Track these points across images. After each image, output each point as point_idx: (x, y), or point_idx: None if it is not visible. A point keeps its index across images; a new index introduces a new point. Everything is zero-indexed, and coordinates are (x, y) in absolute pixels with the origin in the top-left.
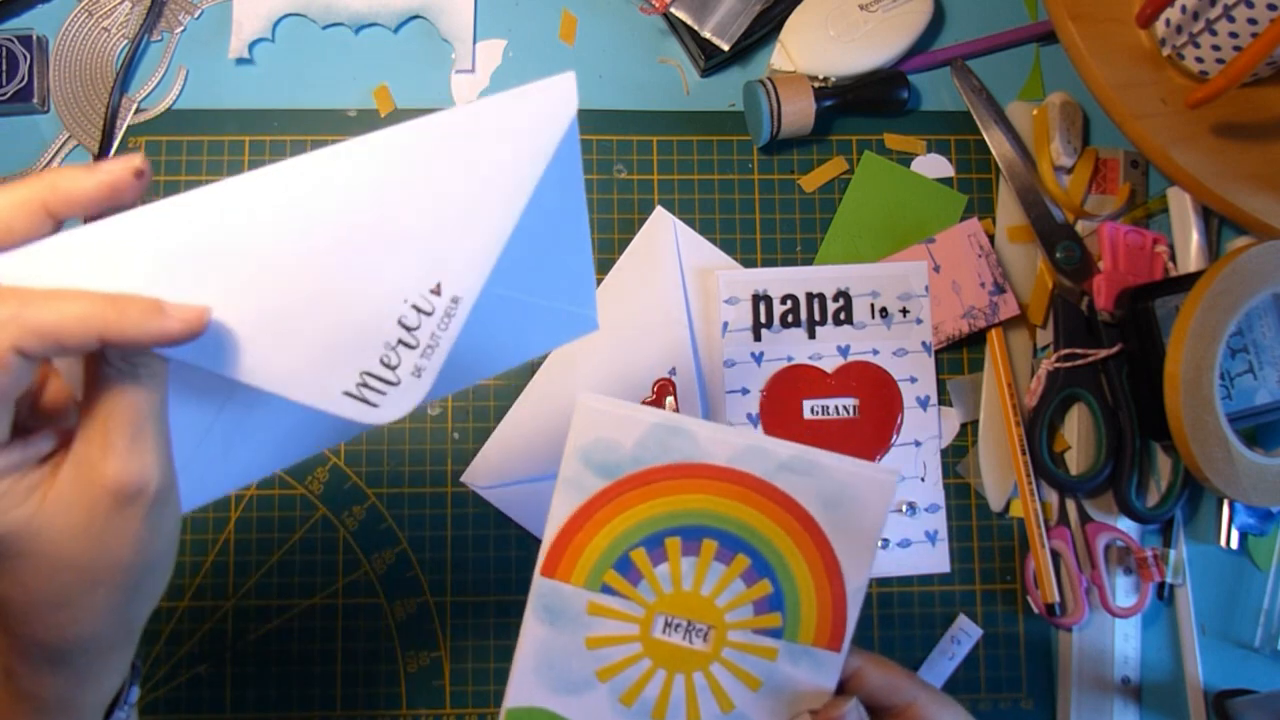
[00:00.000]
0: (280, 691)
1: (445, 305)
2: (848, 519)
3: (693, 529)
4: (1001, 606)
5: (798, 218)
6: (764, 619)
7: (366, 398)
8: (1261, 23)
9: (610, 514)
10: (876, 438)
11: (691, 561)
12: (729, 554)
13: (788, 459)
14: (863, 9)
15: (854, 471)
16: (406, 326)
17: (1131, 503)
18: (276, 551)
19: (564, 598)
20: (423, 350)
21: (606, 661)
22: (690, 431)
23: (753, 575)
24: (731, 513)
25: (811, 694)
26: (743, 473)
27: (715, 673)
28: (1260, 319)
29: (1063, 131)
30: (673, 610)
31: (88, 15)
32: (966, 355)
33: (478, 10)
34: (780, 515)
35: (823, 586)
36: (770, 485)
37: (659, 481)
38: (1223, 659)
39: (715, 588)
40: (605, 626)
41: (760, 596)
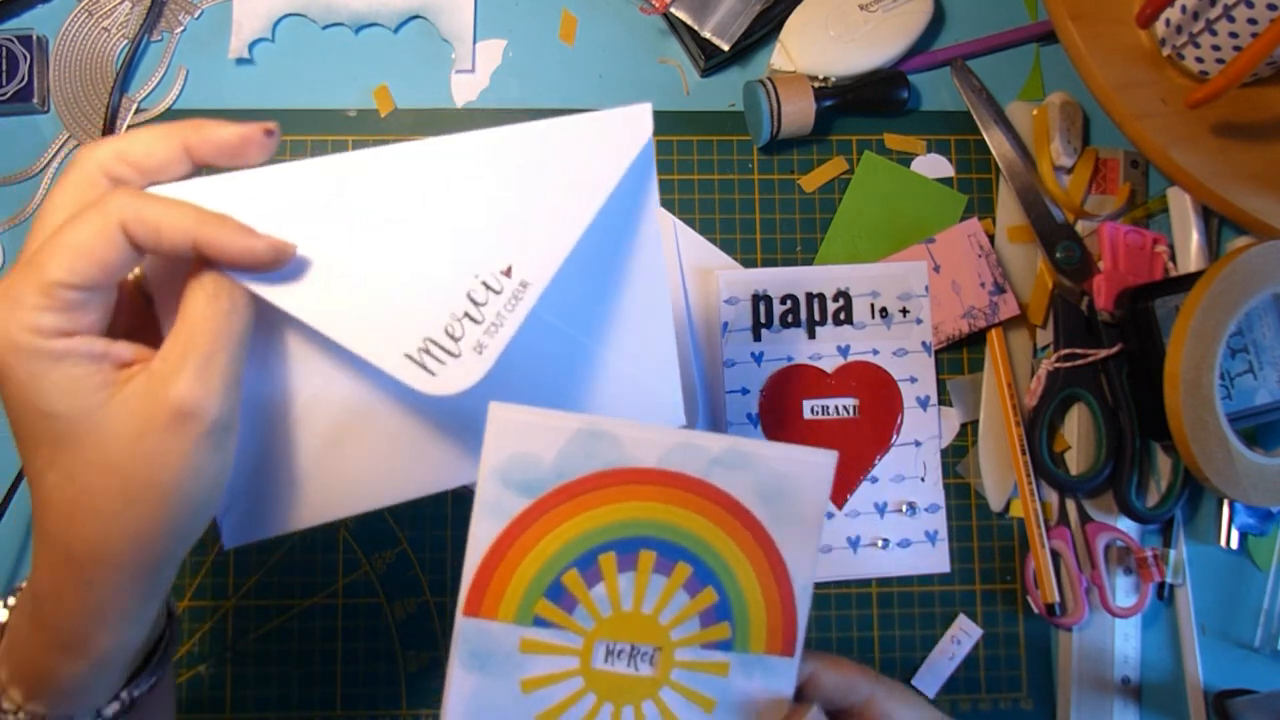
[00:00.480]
0: (280, 691)
1: (514, 287)
2: (788, 510)
3: (627, 541)
4: (1001, 606)
5: (798, 218)
6: (712, 631)
7: (426, 364)
8: (1261, 23)
9: (536, 536)
10: (876, 438)
11: (629, 577)
12: (668, 563)
13: (720, 453)
14: (863, 9)
15: (789, 458)
16: (475, 301)
17: (1131, 503)
18: (276, 551)
19: (493, 638)
20: (487, 327)
21: (546, 704)
22: (613, 434)
23: (695, 584)
24: (667, 518)
25: (768, 706)
26: (674, 473)
27: (665, 699)
28: (1260, 319)
29: (1063, 131)
30: (614, 635)
31: (88, 15)
32: (966, 355)
33: (478, 10)
34: (718, 514)
35: (769, 587)
36: (704, 483)
37: (586, 493)
38: (1223, 659)
39: (657, 603)
40: (542, 664)
41: (706, 606)
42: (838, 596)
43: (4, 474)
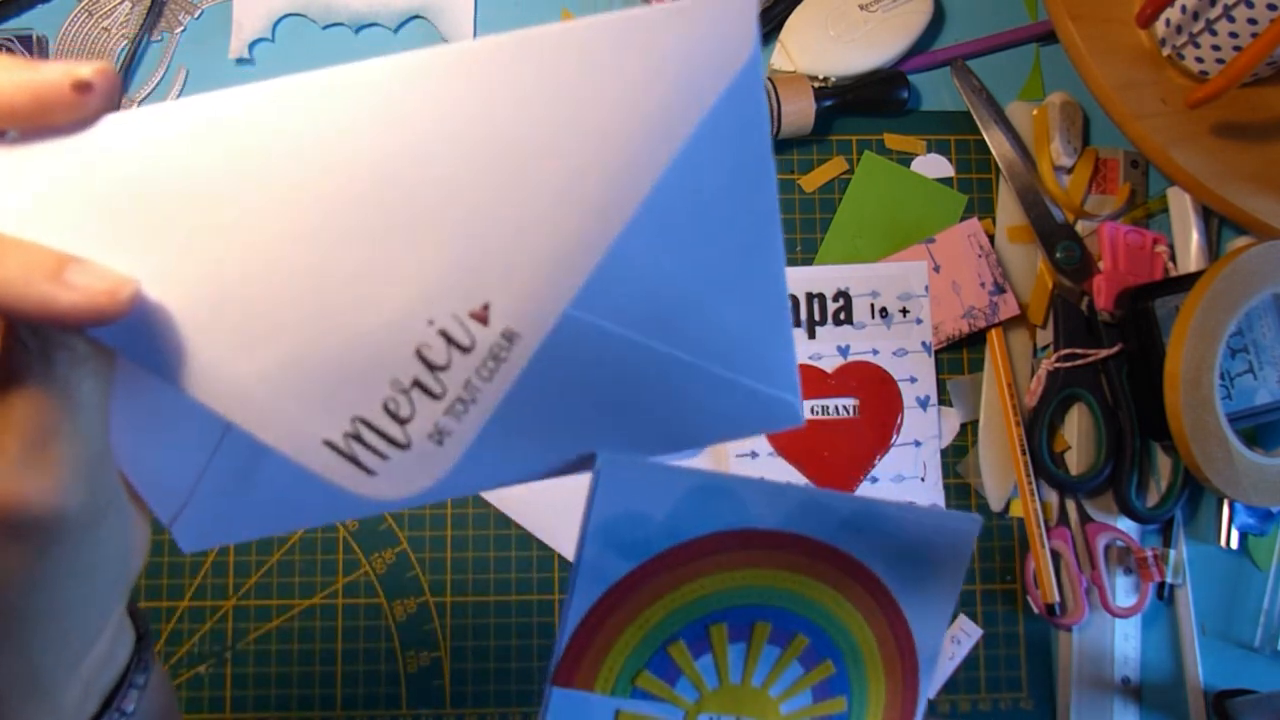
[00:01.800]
0: (280, 691)
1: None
2: (919, 577)
3: (742, 610)
4: (1001, 606)
5: (798, 218)
6: (826, 705)
7: (358, 457)
8: (1261, 23)
9: (641, 603)
10: (876, 438)
11: (740, 649)
12: (785, 636)
13: (850, 515)
14: (863, 9)
15: (926, 523)
16: (429, 363)
17: (1131, 503)
18: (276, 551)
19: (588, 711)
20: (450, 404)
21: None
22: (735, 493)
23: (813, 656)
24: (788, 585)
25: None
26: (799, 536)
27: None
28: (1260, 319)
29: (1063, 131)
30: (718, 709)
31: (88, 15)
32: (966, 355)
33: (478, 10)
34: (844, 582)
35: (892, 659)
36: (831, 548)
37: (700, 558)
38: (1223, 659)
39: (769, 677)
40: None
41: (821, 679)
42: None
43: None
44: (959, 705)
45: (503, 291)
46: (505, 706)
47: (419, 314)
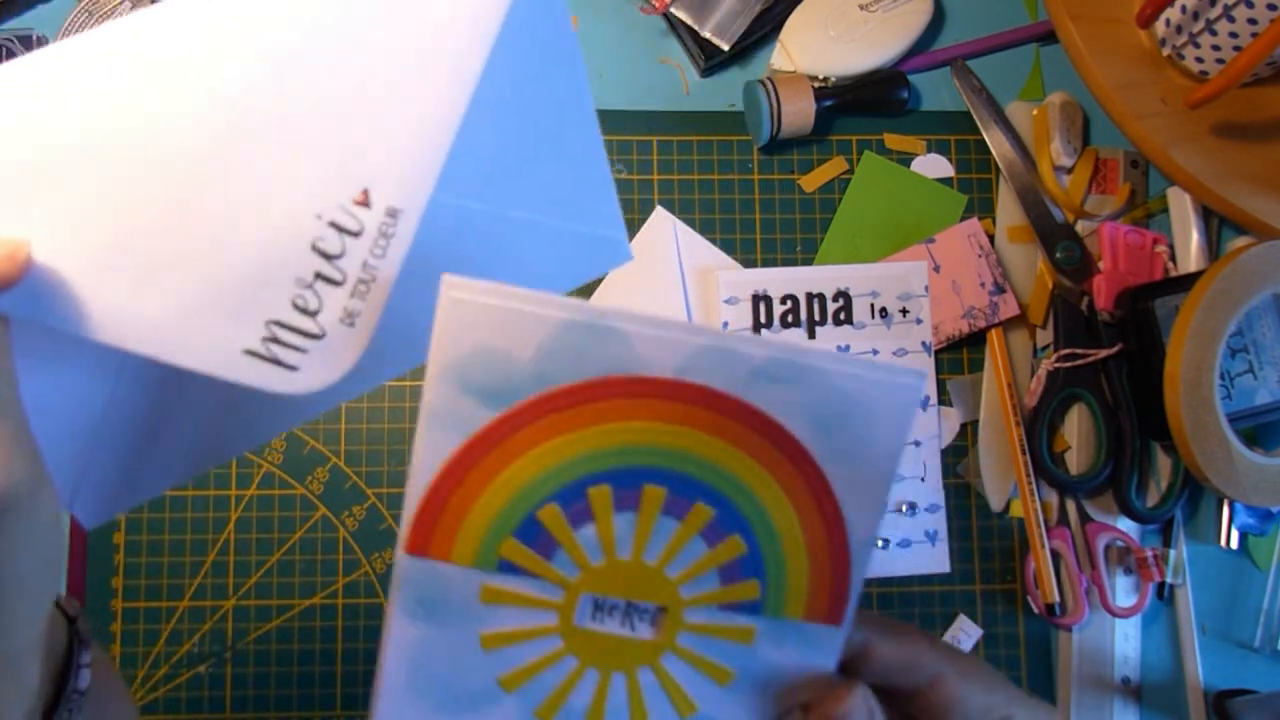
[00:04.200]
0: (280, 691)
1: (379, 221)
2: (852, 443)
3: (629, 471)
4: (1001, 606)
5: (798, 218)
6: (736, 589)
7: (279, 357)
8: (1261, 23)
9: (505, 458)
10: None
11: (629, 518)
12: (683, 504)
13: (765, 363)
14: (863, 9)
15: (862, 376)
16: (325, 254)
17: (1131, 503)
18: (276, 551)
19: (445, 582)
20: (352, 287)
21: (514, 664)
22: (618, 330)
23: (718, 531)
24: (685, 445)
25: (803, 682)
26: (700, 387)
27: (668, 667)
28: (1260, 319)
29: (1063, 131)
30: (605, 588)
31: (88, 15)
32: (966, 355)
33: None
34: (756, 444)
35: (817, 540)
36: (741, 402)
37: (576, 406)
38: (1223, 659)
39: (664, 553)
40: (509, 618)
41: (730, 559)
42: None
43: None
44: None
45: (378, 177)
46: None
47: (307, 211)
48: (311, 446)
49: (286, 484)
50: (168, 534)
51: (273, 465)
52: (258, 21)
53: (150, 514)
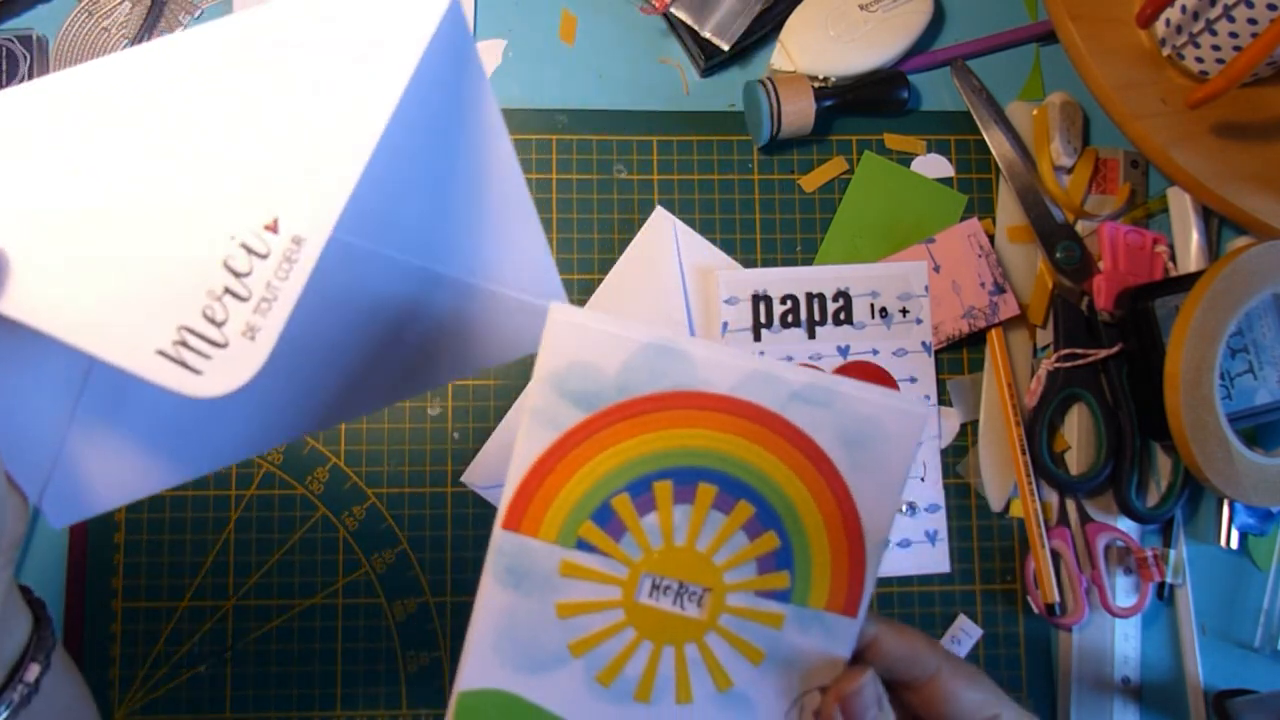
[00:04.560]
0: (280, 691)
1: (284, 246)
2: (870, 459)
3: (687, 470)
4: (1001, 606)
5: (798, 218)
6: (769, 579)
7: (186, 361)
8: (1261, 23)
9: (588, 453)
10: None
11: (685, 510)
12: (730, 501)
13: (801, 387)
14: (863, 9)
15: (879, 403)
16: (235, 271)
17: (1131, 503)
18: (276, 551)
19: (532, 556)
20: (256, 304)
21: (582, 633)
22: (686, 353)
23: (757, 526)
24: (734, 451)
25: (822, 667)
26: (748, 403)
27: (710, 644)
28: (1260, 319)
29: (1063, 131)
30: (662, 570)
31: (88, 15)
32: (966, 355)
33: (477, 10)
34: (791, 454)
35: (838, 540)
36: (780, 418)
37: (648, 414)
38: (1223, 659)
39: (712, 542)
40: (581, 590)
41: (765, 552)
42: None
43: None
44: None
45: (286, 206)
46: None
47: (221, 231)
48: (311, 447)
49: (286, 484)
50: (168, 534)
51: (273, 465)
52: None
53: (150, 514)
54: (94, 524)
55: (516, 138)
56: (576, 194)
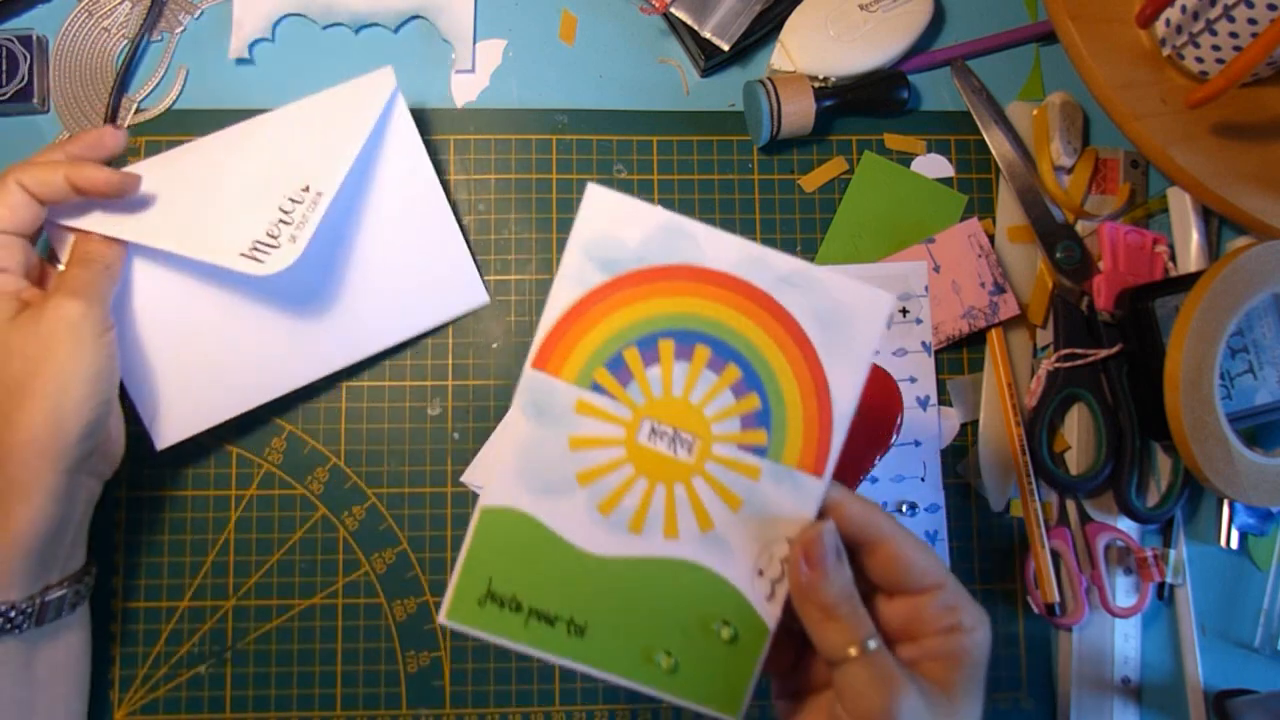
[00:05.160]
0: (280, 691)
1: (312, 197)
2: (840, 338)
3: (687, 333)
4: (1001, 606)
5: (798, 218)
6: (750, 434)
7: (256, 256)
8: (1261, 23)
9: (607, 309)
10: (876, 438)
11: (684, 366)
12: (721, 362)
13: (788, 273)
14: (863, 9)
15: (850, 289)
16: (285, 212)
17: (1131, 503)
18: (276, 551)
19: (553, 393)
20: (296, 225)
21: (588, 465)
22: (694, 234)
23: (742, 387)
24: (727, 320)
25: (790, 520)
26: (742, 281)
27: (697, 486)
28: (1260, 319)
29: (1063, 131)
30: (660, 416)
31: (88, 15)
32: (966, 355)
33: (478, 10)
34: (774, 328)
35: (810, 406)
36: (768, 297)
37: (659, 281)
38: (1223, 659)
39: (704, 396)
40: (591, 427)
41: (748, 411)
42: None
43: None
44: None
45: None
46: (505, 706)
47: (280, 193)
48: (311, 447)
49: (286, 484)
50: (168, 534)
51: (273, 465)
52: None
53: (150, 514)
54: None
55: (516, 138)
56: (576, 194)
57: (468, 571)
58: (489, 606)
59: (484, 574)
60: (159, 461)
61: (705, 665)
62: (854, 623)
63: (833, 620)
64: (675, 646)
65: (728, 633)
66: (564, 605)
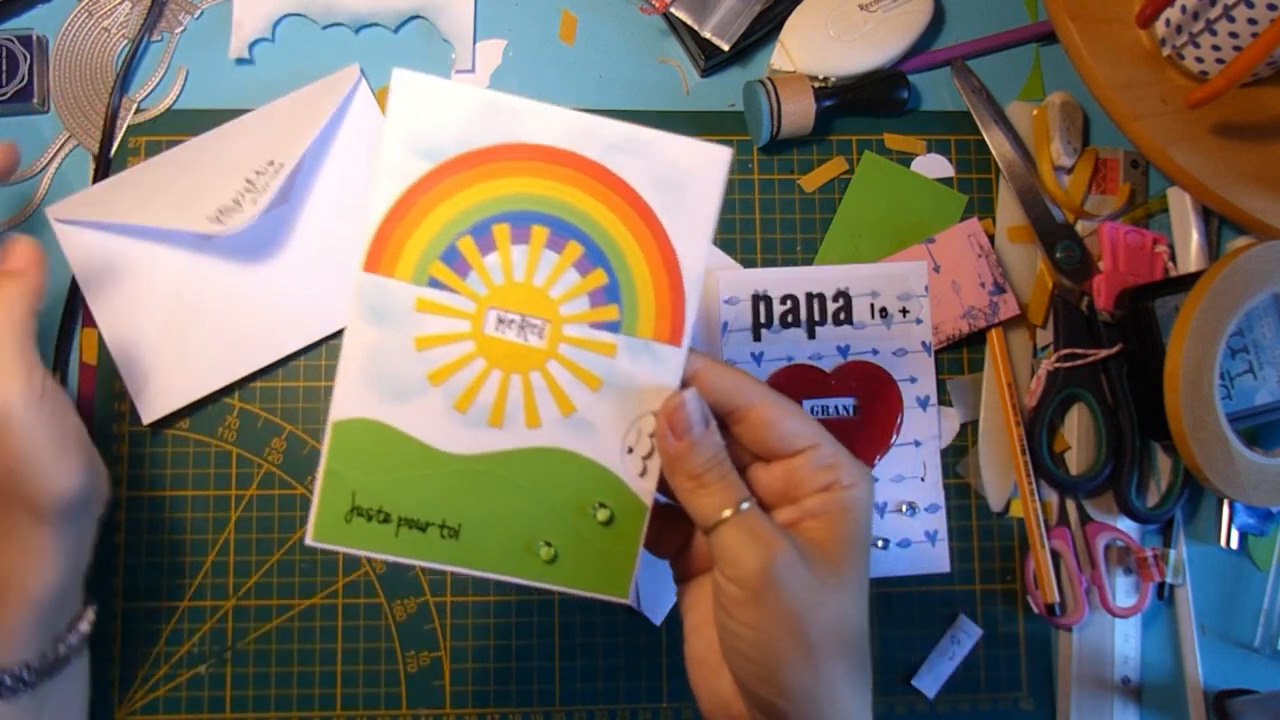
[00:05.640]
0: (280, 691)
1: (274, 169)
2: (681, 201)
3: (522, 214)
4: (1001, 606)
5: (798, 218)
6: (600, 311)
7: (220, 219)
8: (1261, 23)
9: (435, 200)
10: (876, 438)
11: (522, 250)
12: (560, 240)
13: (616, 138)
14: (863, 9)
15: (684, 147)
16: (251, 181)
17: (1131, 503)
18: (276, 551)
19: (390, 294)
20: (259, 190)
21: (438, 363)
22: (515, 109)
23: (586, 264)
24: (561, 196)
25: (654, 392)
26: (571, 153)
27: (553, 371)
28: (1260, 319)
29: (1063, 131)
30: (505, 304)
31: (88, 15)
32: (966, 355)
33: (478, 10)
34: (612, 199)
35: (660, 276)
36: (600, 166)
37: (485, 164)
38: (1223, 659)
39: (548, 278)
40: (435, 324)
41: (595, 287)
42: None
43: None
44: (959, 705)
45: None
46: (505, 706)
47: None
48: (311, 447)
49: (286, 484)
50: (167, 534)
51: (273, 465)
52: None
53: (150, 514)
54: None
55: None
56: None
57: (328, 489)
58: (356, 522)
59: (346, 489)
60: (159, 461)
61: (586, 550)
62: (725, 486)
63: (704, 487)
64: (554, 536)
65: (604, 514)
66: (434, 510)
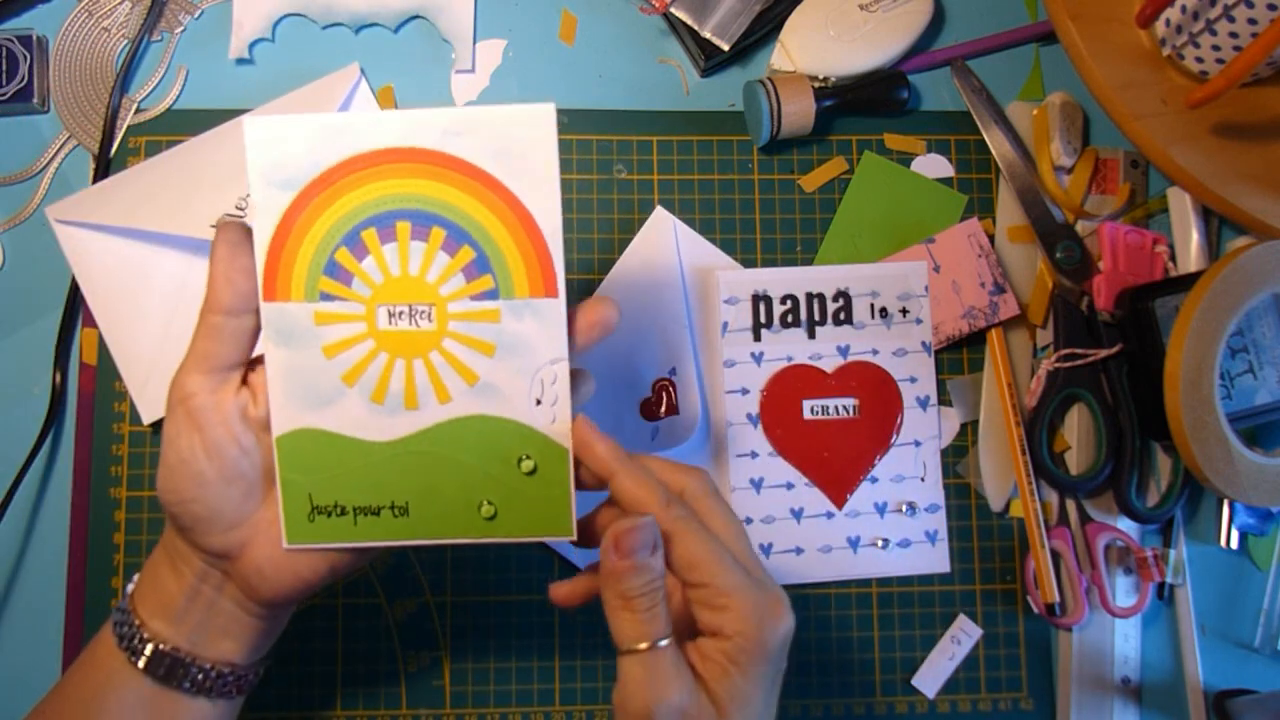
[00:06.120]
0: (280, 691)
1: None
2: (522, 164)
3: (384, 215)
4: (1001, 606)
5: (798, 218)
6: (476, 283)
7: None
8: (1261, 23)
9: (306, 224)
10: (876, 438)
11: (393, 247)
12: (424, 230)
13: (448, 124)
14: (863, 9)
15: (509, 114)
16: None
17: (1131, 503)
18: None
19: (290, 316)
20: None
21: (347, 365)
22: (350, 125)
23: (452, 244)
24: (415, 190)
25: (546, 344)
26: (411, 148)
27: (449, 348)
28: (1260, 319)
29: (1063, 131)
30: (391, 298)
31: (88, 15)
32: (966, 355)
33: (478, 10)
34: (459, 179)
35: (520, 237)
36: (440, 153)
37: (340, 179)
38: (1223, 659)
39: (422, 266)
40: (335, 332)
41: (467, 263)
42: (838, 596)
43: (4, 476)
44: (959, 705)
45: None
46: (505, 706)
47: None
48: None
49: None
50: None
51: None
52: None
53: (150, 514)
54: (94, 523)
55: None
56: (577, 194)
57: (289, 497)
58: (319, 520)
59: (303, 493)
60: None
61: (521, 500)
62: (649, 618)
63: (630, 611)
64: (492, 494)
65: (529, 465)
66: (380, 494)
